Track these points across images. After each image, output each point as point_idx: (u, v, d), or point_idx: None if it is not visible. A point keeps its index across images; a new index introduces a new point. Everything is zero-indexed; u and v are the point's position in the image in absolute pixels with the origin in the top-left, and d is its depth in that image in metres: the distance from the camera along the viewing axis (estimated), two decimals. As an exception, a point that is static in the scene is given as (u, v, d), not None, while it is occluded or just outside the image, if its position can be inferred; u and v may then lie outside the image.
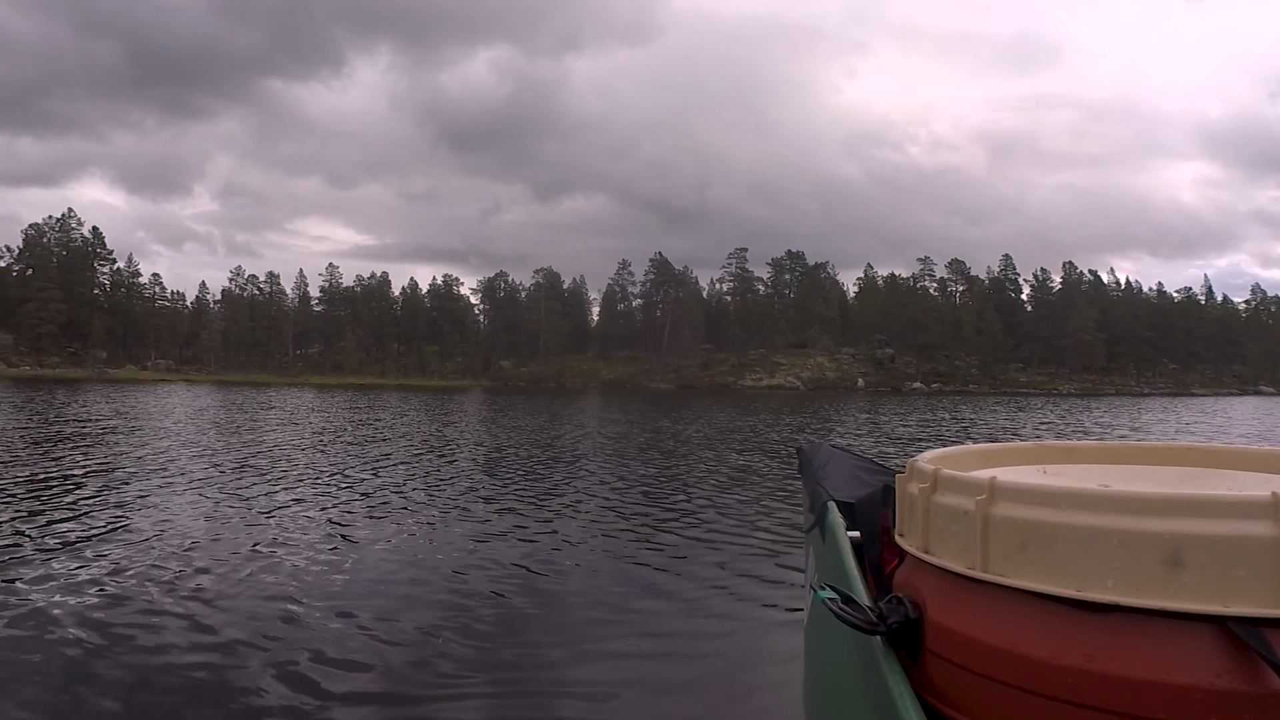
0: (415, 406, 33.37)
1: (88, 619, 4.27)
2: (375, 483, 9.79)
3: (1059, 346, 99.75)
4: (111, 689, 3.40)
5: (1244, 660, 0.92)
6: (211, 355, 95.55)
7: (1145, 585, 0.97)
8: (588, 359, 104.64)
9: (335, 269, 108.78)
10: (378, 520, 7.36)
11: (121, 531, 6.55)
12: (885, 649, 1.24)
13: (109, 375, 77.99)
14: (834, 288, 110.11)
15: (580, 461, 12.75)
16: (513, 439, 17.20)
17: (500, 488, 9.63)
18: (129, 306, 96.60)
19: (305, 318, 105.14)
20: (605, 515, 7.85)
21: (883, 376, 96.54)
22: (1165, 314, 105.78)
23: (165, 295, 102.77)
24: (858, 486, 2.02)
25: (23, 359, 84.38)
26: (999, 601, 1.09)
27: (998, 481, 1.12)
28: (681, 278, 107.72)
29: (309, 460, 12.15)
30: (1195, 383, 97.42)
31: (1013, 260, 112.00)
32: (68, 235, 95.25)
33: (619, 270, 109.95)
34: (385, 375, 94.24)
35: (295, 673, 3.60)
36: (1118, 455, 1.52)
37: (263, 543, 6.22)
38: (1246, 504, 0.95)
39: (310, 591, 4.90)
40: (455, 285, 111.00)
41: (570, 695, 3.46)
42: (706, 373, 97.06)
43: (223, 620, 4.29)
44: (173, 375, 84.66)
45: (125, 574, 5.21)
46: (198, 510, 7.63)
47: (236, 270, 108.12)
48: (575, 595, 5.02)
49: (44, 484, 9.02)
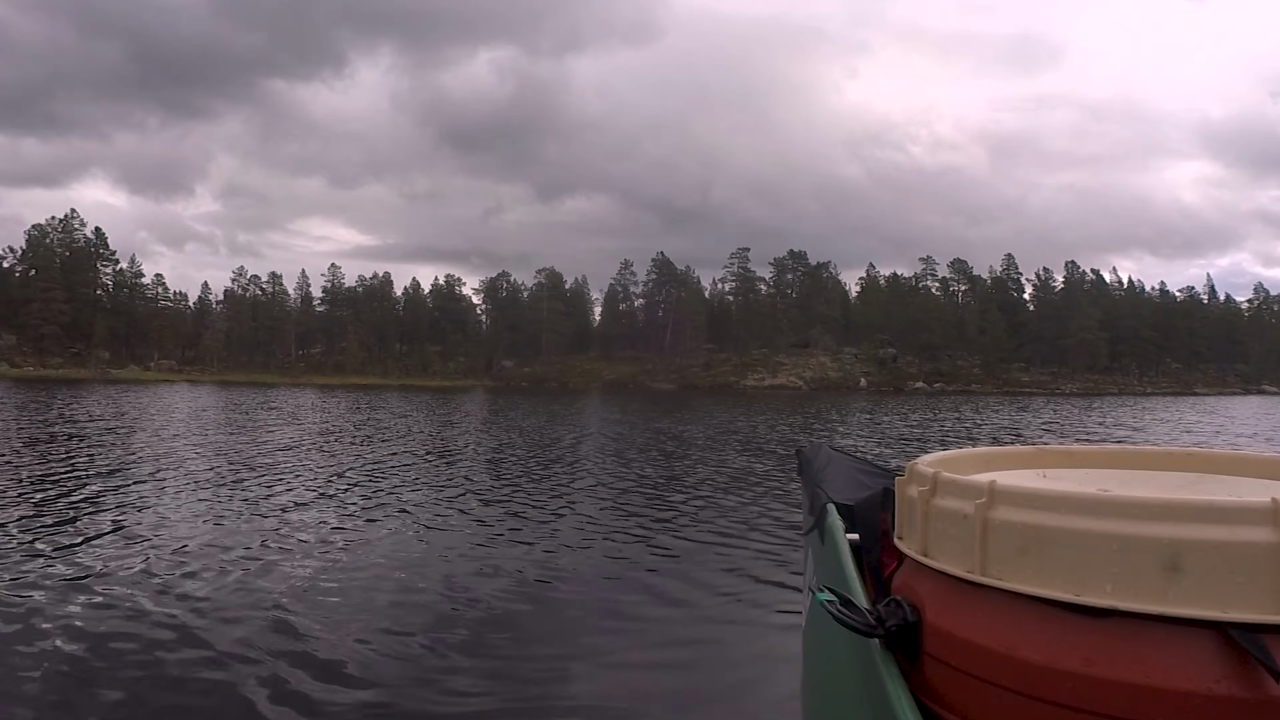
0: (417, 407, 33.40)
1: (82, 619, 4.28)
2: (375, 485, 9.79)
3: (1062, 346, 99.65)
4: (106, 691, 3.40)
5: (1243, 666, 0.92)
6: (214, 355, 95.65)
7: (1144, 590, 0.97)
8: (590, 359, 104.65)
9: (337, 269, 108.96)
10: (376, 522, 7.36)
11: (121, 533, 6.56)
12: (883, 652, 1.24)
13: (112, 376, 78.11)
14: (836, 287, 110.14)
15: (581, 463, 12.74)
16: (513, 439, 17.21)
17: (500, 489, 9.63)
18: (132, 307, 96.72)
19: (308, 318, 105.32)
20: (604, 517, 7.85)
21: (885, 376, 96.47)
22: (1168, 313, 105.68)
23: (168, 296, 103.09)
24: (857, 489, 2.02)
25: (26, 359, 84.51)
26: (998, 605, 1.09)
27: (997, 485, 1.12)
28: (684, 278, 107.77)
29: (310, 462, 12.16)
30: (1198, 382, 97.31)
31: (1015, 260, 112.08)
32: (71, 236, 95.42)
33: (621, 270, 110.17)
34: (388, 375, 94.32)
35: (292, 678, 3.59)
36: (1117, 460, 1.52)
37: (259, 545, 6.22)
38: (1246, 510, 0.95)
39: (307, 596, 4.88)
40: (457, 285, 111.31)
41: (569, 697, 3.46)
42: (709, 373, 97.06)
43: (217, 625, 4.28)
44: (175, 375, 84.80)
45: (123, 576, 5.22)
46: (196, 512, 7.64)
47: (239, 270, 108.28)
48: (573, 597, 5.02)
49: (44, 485, 9.03)
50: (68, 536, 6.34)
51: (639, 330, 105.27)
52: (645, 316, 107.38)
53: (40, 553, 5.77)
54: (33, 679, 3.51)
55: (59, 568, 5.37)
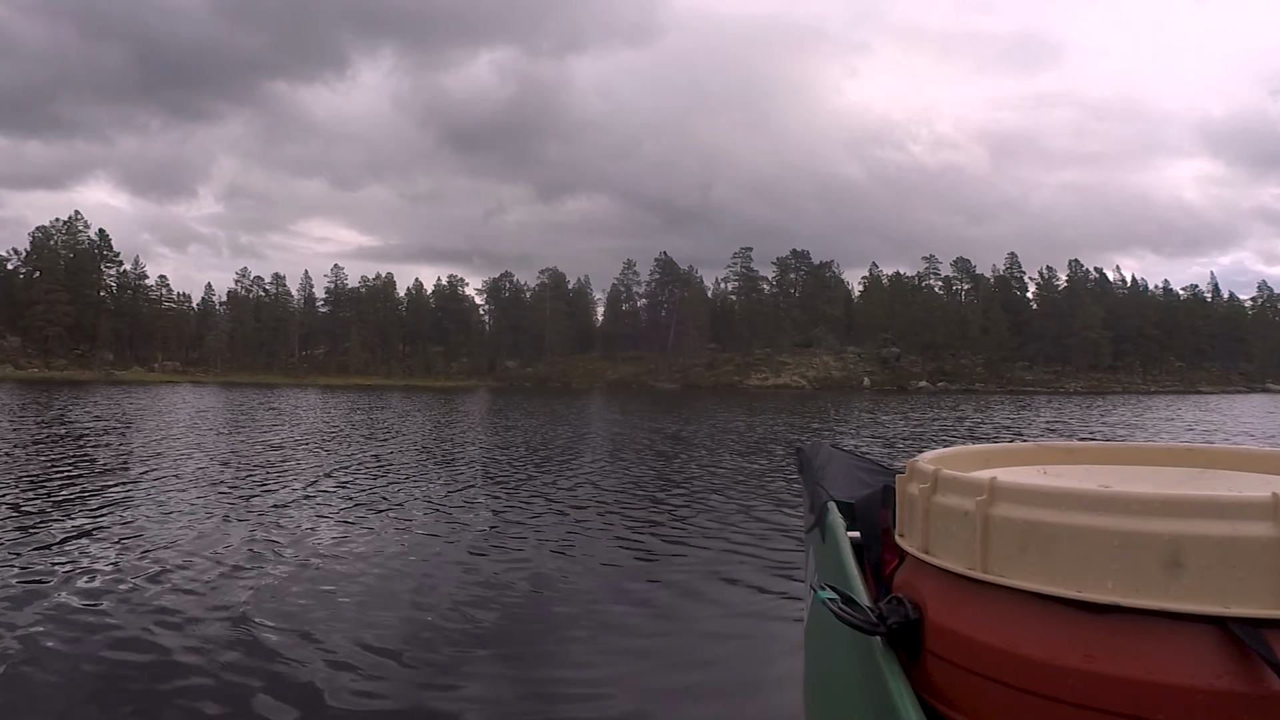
0: (420, 407, 33.40)
1: (81, 620, 4.27)
2: (374, 485, 9.81)
3: (1065, 345, 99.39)
4: (59, 699, 3.37)
5: (1244, 661, 0.92)
6: (218, 356, 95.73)
7: (1145, 586, 0.97)
8: (593, 359, 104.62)
9: (340, 270, 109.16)
10: (376, 523, 7.36)
11: (100, 534, 6.55)
12: (885, 649, 1.24)
13: (116, 377, 78.24)
14: (839, 287, 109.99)
15: (581, 463, 12.75)
16: (514, 439, 17.21)
17: (500, 490, 9.63)
18: (135, 308, 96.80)
19: (311, 319, 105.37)
20: (604, 517, 7.83)
21: (888, 375, 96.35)
22: (1172, 311, 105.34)
23: (171, 297, 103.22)
24: (858, 487, 2.02)
25: (31, 361, 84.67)
26: (999, 602, 1.09)
27: (998, 482, 1.12)
28: (686, 278, 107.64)
29: (311, 462, 12.17)
30: (1202, 381, 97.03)
31: (1018, 259, 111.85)
32: (75, 238, 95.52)
33: (624, 270, 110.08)
34: (391, 376, 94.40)
35: (292, 684, 3.55)
36: (1117, 456, 1.52)
37: (257, 547, 6.17)
38: (1246, 505, 0.96)
39: (280, 601, 4.81)
40: (460, 286, 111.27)
41: (569, 697, 3.45)
42: (712, 372, 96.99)
43: (212, 630, 4.21)
44: (179, 376, 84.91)
45: (97, 580, 5.15)
46: (195, 513, 7.64)
47: (243, 272, 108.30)
48: (573, 596, 5.01)
49: (45, 485, 9.05)
50: (63, 537, 6.35)
51: (642, 330, 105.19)
52: (648, 316, 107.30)
53: (36, 551, 5.78)
54: (30, 680, 3.51)
55: (57, 567, 5.37)
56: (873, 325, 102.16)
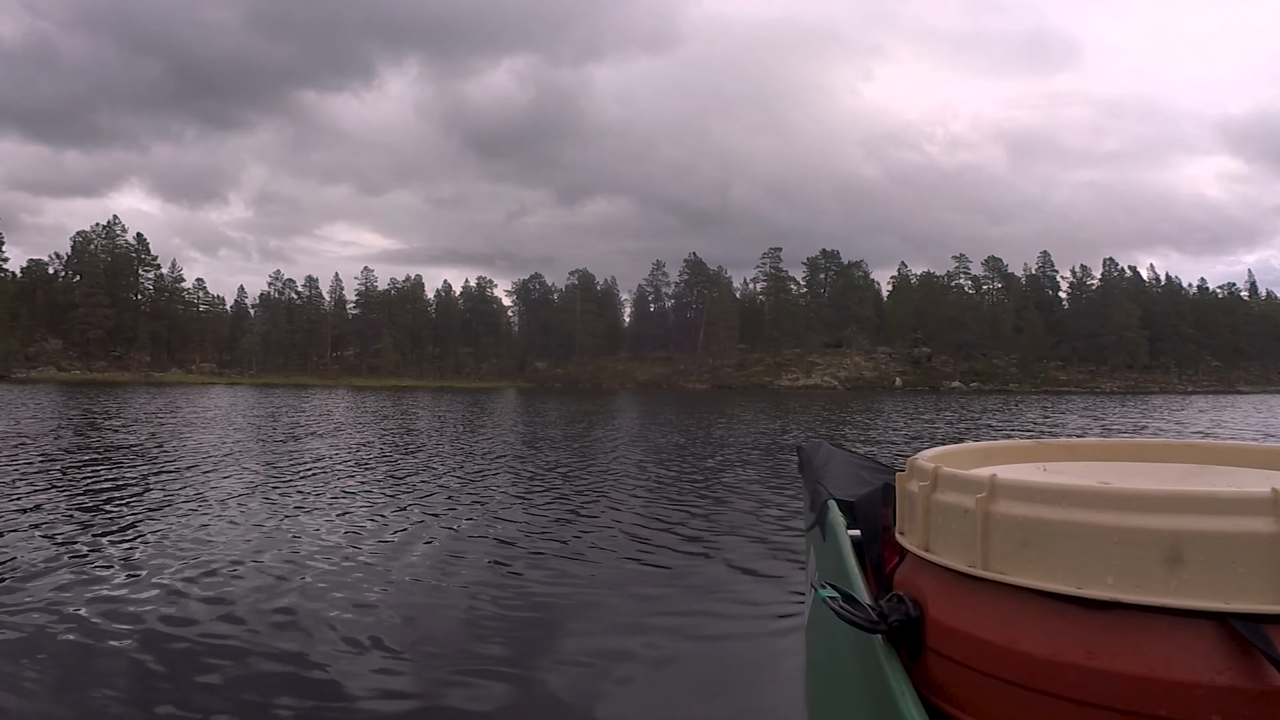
0: (451, 408, 33.64)
1: (106, 624, 4.33)
2: (404, 484, 9.90)
3: (1100, 344, 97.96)
4: (99, 690, 3.41)
5: (1245, 657, 0.92)
6: (253, 358, 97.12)
7: (1146, 582, 0.97)
8: (622, 359, 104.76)
9: (370, 273, 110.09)
10: (402, 520, 7.41)
11: (167, 532, 6.68)
12: (886, 647, 1.24)
13: (155, 378, 79.67)
14: (869, 287, 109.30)
15: (609, 461, 12.78)
16: (544, 436, 17.28)
17: (526, 490, 9.69)
18: (172, 311, 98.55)
19: (341, 321, 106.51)
20: (615, 515, 7.79)
21: (920, 376, 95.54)
22: (1208, 309, 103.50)
23: (207, 300, 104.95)
24: (858, 485, 2.03)
25: (72, 364, 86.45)
26: (999, 599, 1.09)
27: (998, 479, 1.12)
28: (715, 278, 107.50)
29: (345, 461, 12.32)
30: (1241, 380, 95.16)
31: (1050, 257, 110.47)
32: (113, 242, 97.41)
33: (653, 271, 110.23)
34: (423, 377, 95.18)
35: (309, 681, 3.56)
36: (1117, 452, 1.52)
37: (285, 550, 6.17)
38: (1247, 500, 0.95)
39: (325, 598, 4.84)
40: (489, 287, 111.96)
41: (568, 696, 3.45)
42: (742, 373, 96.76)
43: (240, 630, 4.21)
44: (216, 378, 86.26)
45: (159, 578, 5.23)
46: (247, 507, 7.75)
47: (275, 275, 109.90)
48: (575, 594, 4.98)
49: (96, 486, 9.24)
50: (102, 539, 6.47)
51: (669, 331, 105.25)
52: (676, 317, 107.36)
53: (76, 555, 5.90)
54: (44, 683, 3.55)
55: (92, 571, 5.47)
56: (902, 325, 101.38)
